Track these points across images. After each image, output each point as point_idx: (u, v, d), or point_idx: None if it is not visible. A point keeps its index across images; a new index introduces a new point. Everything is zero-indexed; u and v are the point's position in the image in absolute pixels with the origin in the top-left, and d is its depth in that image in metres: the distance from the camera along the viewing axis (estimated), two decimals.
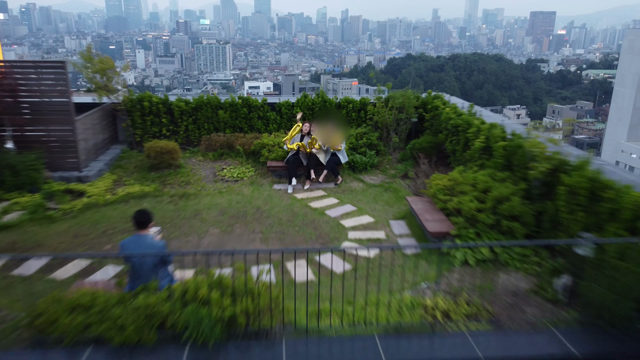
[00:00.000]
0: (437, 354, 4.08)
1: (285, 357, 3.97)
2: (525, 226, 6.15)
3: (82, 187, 8.47)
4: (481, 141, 7.67)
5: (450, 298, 5.08)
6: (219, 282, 4.41)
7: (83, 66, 9.50)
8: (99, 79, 9.68)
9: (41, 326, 4.17)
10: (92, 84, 9.56)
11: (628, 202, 4.82)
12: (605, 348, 4.17)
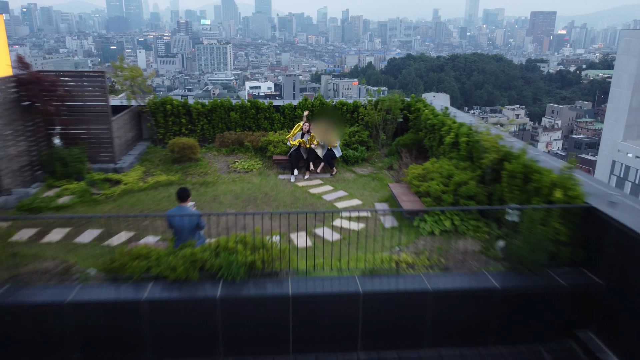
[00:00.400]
0: (399, 287, 5.73)
1: (290, 289, 5.62)
2: (479, 204, 7.79)
3: (118, 176, 10.12)
4: (451, 137, 9.31)
5: (415, 256, 6.73)
6: (243, 239, 6.07)
7: (114, 74, 11.14)
8: (129, 85, 11.33)
9: (115, 269, 5.84)
10: (122, 88, 11.21)
11: (546, 182, 6.46)
12: (519, 283, 5.82)
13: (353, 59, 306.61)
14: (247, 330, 5.64)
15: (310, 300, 5.61)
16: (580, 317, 5.91)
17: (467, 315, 5.83)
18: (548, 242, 5.97)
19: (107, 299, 5.44)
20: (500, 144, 7.89)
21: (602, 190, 6.48)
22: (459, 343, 5.86)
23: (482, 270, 6.13)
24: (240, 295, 5.53)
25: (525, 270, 6.00)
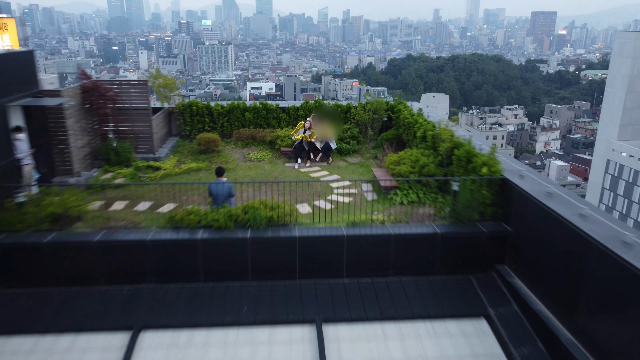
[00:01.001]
0: (370, 231, 8.36)
1: (297, 233, 8.26)
2: (437, 182, 10.42)
3: (157, 164, 12.75)
4: (421, 132, 11.94)
5: (386, 216, 9.37)
6: (264, 202, 8.72)
7: (152, 82, 13.78)
8: (163, 90, 13.97)
9: (176, 221, 8.48)
10: (158, 94, 13.86)
11: (479, 162, 9.08)
12: (456, 231, 8.46)
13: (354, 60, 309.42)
14: (267, 262, 8.28)
15: (310, 241, 8.25)
16: (497, 255, 8.55)
17: (419, 253, 8.47)
18: (478, 203, 8.61)
19: (173, 239, 8.09)
20: (455, 136, 10.53)
21: (514, 167, 9.12)
22: (414, 273, 8.49)
23: (431, 222, 8.78)
24: (263, 237, 8.18)
25: (461, 223, 8.64)
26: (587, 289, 6.27)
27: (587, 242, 6.25)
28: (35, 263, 7.95)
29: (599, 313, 6.06)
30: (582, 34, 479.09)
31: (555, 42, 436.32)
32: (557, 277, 6.98)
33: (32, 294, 7.90)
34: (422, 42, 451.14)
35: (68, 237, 8.08)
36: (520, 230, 8.18)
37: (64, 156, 11.10)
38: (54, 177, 10.99)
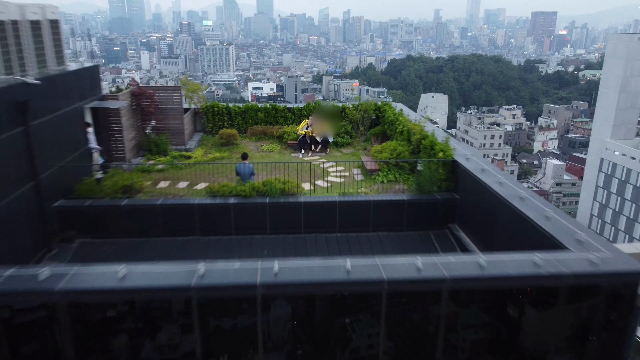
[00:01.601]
0: (356, 199, 11.52)
1: (302, 200, 11.43)
2: (409, 164, 13.55)
3: (188, 154, 15.90)
4: (400, 128, 15.08)
5: (369, 191, 12.53)
6: (278, 178, 11.88)
7: (183, 88, 16.93)
8: (191, 94, 17.14)
9: (213, 192, 11.65)
10: (187, 97, 17.02)
11: (438, 149, 12.22)
12: (419, 198, 11.61)
13: (354, 60, 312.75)
14: (280, 221, 11.43)
15: (311, 206, 11.41)
16: (449, 216, 11.70)
17: (391, 215, 11.62)
18: (435, 179, 11.77)
19: (212, 203, 11.26)
20: (424, 130, 13.67)
21: (463, 152, 12.27)
22: (387, 229, 11.64)
23: (401, 193, 11.93)
24: (277, 202, 11.34)
25: (423, 193, 11.79)
26: (498, 230, 9.42)
27: (498, 199, 9.39)
28: (114, 220, 11.11)
29: (503, 243, 9.20)
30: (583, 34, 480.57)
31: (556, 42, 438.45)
32: (483, 226, 10.13)
33: (112, 243, 11.05)
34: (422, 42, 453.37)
35: (138, 202, 11.26)
36: (464, 198, 11.33)
37: (118, 146, 14.25)
38: (110, 162, 14.13)
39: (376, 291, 6.30)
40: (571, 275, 6.41)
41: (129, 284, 5.99)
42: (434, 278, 6.30)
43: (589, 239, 7.30)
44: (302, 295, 6.45)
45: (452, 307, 6.50)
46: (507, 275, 6.38)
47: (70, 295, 5.90)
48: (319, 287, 6.34)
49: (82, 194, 11.35)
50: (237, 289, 6.16)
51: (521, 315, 6.77)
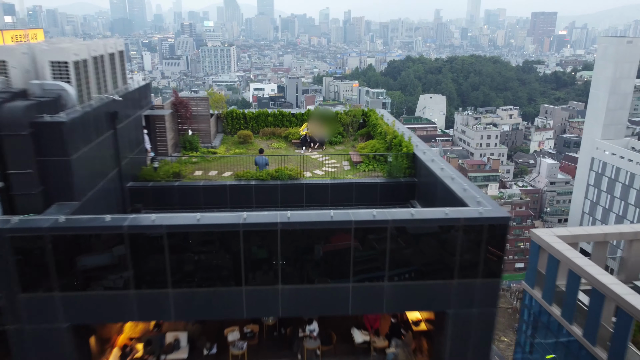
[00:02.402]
0: (342, 181, 16.04)
1: (304, 182, 15.96)
2: (384, 157, 18.04)
3: (214, 150, 20.40)
4: (380, 129, 19.57)
5: (354, 176, 17.05)
6: (286, 167, 16.42)
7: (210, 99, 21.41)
8: (215, 104, 21.64)
9: (239, 176, 16.19)
10: (212, 107, 21.53)
11: (404, 145, 16.71)
12: (389, 181, 16.11)
13: (354, 61, 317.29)
14: (288, 197, 15.94)
15: (310, 186, 15.93)
16: (410, 194, 16.19)
17: (368, 194, 16.12)
18: (402, 167, 16.27)
19: (239, 184, 15.78)
20: (395, 132, 18.14)
21: (421, 147, 16.77)
22: (366, 203, 16.11)
23: (376, 178, 16.45)
24: (286, 184, 15.87)
25: (392, 178, 16.29)
26: (437, 200, 13.90)
27: (438, 179, 13.87)
28: (169, 197, 15.60)
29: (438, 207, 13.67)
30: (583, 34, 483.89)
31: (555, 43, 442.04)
32: (430, 199, 14.63)
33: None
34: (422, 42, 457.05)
35: (185, 184, 15.77)
36: (420, 180, 15.83)
37: (162, 144, 18.75)
38: (156, 156, 18.62)
39: (348, 227, 10.81)
40: (464, 219, 10.92)
41: (205, 222, 10.51)
42: (382, 220, 10.81)
43: (483, 201, 11.79)
44: (303, 230, 10.96)
45: (394, 237, 11.01)
46: (423, 218, 10.89)
47: (173, 228, 10.42)
48: (313, 225, 10.85)
49: (145, 178, 15.86)
50: (266, 225, 10.67)
51: (435, 242, 11.28)
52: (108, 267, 10.75)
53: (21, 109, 10.67)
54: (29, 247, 10.38)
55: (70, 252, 10.55)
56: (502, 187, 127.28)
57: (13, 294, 10.49)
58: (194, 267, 10.89)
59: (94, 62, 13.89)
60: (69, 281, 10.66)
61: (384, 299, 11.32)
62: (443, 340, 12.04)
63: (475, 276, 11.25)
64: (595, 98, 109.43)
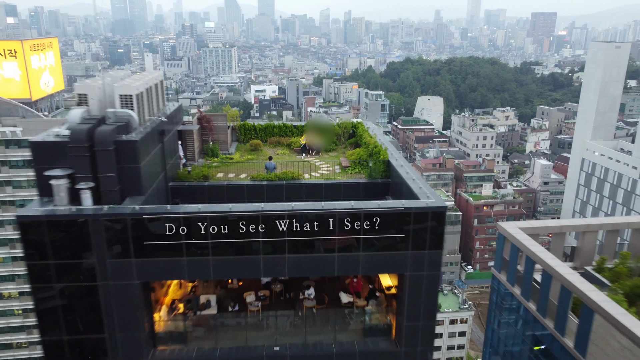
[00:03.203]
0: (333, 182, 21.01)
1: (304, 182, 20.92)
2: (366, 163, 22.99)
3: (231, 156, 25.34)
4: (364, 139, 24.51)
5: (343, 178, 22.01)
6: (290, 171, 21.41)
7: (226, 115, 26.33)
8: (230, 118, 26.58)
9: (253, 177, 21.18)
10: (229, 121, 26.46)
11: (382, 154, 21.65)
12: (369, 182, 21.07)
13: (354, 62, 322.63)
14: (291, 193, 20.88)
15: (309, 185, 20.88)
16: (385, 192, 21.11)
17: (353, 190, 21.06)
18: (379, 170, 21.24)
19: (254, 184, 20.73)
20: (376, 142, 23.06)
21: (394, 154, 21.72)
22: (351, 199, 21.00)
23: (359, 179, 21.41)
24: (290, 183, 20.83)
25: (372, 178, 21.25)
26: (403, 195, 18.81)
27: (403, 180, 18.79)
28: (200, 193, 20.52)
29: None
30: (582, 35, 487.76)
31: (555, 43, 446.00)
32: (398, 195, 19.55)
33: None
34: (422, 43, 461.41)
35: (212, 183, 20.70)
36: (392, 181, 20.75)
37: (191, 152, 23.67)
38: (187, 162, 23.53)
39: (333, 215, 15.73)
40: (415, 208, 15.85)
41: (235, 210, 15.46)
42: (357, 209, 15.75)
43: (430, 196, 16.70)
44: (303, 215, 15.89)
45: (365, 222, 15.93)
46: (385, 207, 15.83)
47: (214, 214, 15.37)
48: (310, 212, 15.79)
49: (181, 179, 20.80)
50: (277, 212, 15.61)
51: (396, 224, 16.21)
52: (167, 241, 15.65)
53: (108, 131, 15.61)
54: (115, 227, 15.30)
55: (141, 230, 15.46)
56: (497, 186, 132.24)
57: (103, 260, 15.41)
58: (227, 241, 15.80)
59: (147, 93, 18.84)
60: (140, 250, 15.57)
61: (360, 264, 16.26)
62: (403, 297, 16.95)
63: (424, 248, 16.18)
64: (585, 101, 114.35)
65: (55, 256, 15.26)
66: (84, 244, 15.25)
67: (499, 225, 31.68)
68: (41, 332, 15.98)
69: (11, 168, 67.81)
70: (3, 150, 66.33)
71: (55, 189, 15.31)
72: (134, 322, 16.19)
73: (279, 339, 17.75)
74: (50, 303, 15.75)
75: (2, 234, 69.79)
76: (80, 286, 15.66)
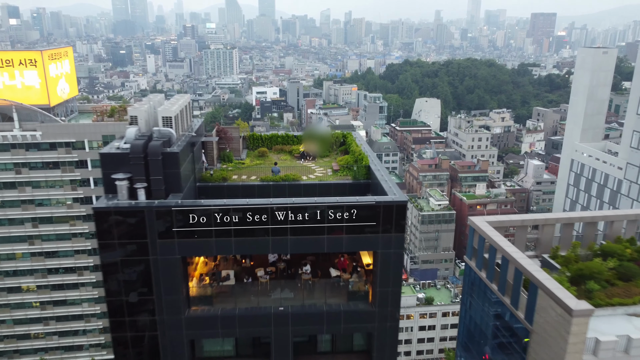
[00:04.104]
0: (325, 182, 26.87)
1: (302, 183, 26.79)
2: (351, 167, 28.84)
3: (242, 161, 31.18)
4: (352, 149, 30.33)
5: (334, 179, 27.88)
6: (292, 174, 27.28)
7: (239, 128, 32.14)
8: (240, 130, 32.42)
9: (262, 179, 27.07)
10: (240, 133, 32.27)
11: (363, 159, 27.46)
12: (354, 182, 26.95)
13: (354, 63, 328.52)
14: (292, 192, 26.69)
15: (307, 185, 26.77)
16: (366, 190, 26.98)
17: (341, 189, 26.91)
18: (362, 173, 27.11)
19: (263, 184, 26.63)
20: (360, 150, 28.87)
21: (373, 160, 27.55)
22: (339, 195, 26.85)
23: (346, 179, 27.28)
24: (292, 184, 26.72)
25: (356, 180, 27.11)
26: (377, 192, 24.62)
27: (379, 180, 24.56)
28: (220, 192, 26.35)
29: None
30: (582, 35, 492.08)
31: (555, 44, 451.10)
32: (375, 192, 25.36)
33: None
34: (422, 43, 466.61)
35: (230, 183, 26.54)
36: (372, 181, 26.58)
37: (210, 158, 29.49)
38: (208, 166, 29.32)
39: (323, 207, 21.58)
40: (383, 202, 21.70)
41: (252, 203, 21.31)
42: (341, 202, 21.60)
43: (396, 193, 22.50)
44: (301, 207, 21.73)
45: (347, 211, 21.76)
46: (362, 202, 21.68)
47: (236, 206, 21.23)
48: (306, 205, 21.64)
49: (205, 180, 26.61)
50: (283, 205, 21.47)
51: (370, 214, 22.03)
52: (200, 227, 21.42)
53: (157, 146, 21.44)
54: (163, 217, 21.10)
55: (182, 218, 21.25)
56: (491, 186, 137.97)
57: (154, 240, 21.23)
58: (244, 227, 21.59)
59: (180, 114, 24.69)
60: (180, 233, 21.36)
61: (343, 244, 22.06)
62: (376, 269, 22.73)
63: (390, 232, 21.97)
64: (574, 104, 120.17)
65: (119, 237, 21.10)
66: (140, 228, 21.08)
67: (470, 219, 37.47)
68: (107, 294, 21.81)
69: (31, 169, 73.49)
70: (23, 152, 72.03)
71: (119, 188, 21.14)
72: (175, 287, 22.01)
73: (282, 302, 23.54)
74: (115, 272, 21.60)
75: (22, 231, 75.47)
76: (137, 259, 21.49)
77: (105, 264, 21.51)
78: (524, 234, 38.36)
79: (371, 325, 23.32)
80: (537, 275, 29.10)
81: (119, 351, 22.55)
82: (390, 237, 22.07)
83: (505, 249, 32.32)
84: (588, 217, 38.07)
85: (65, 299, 79.90)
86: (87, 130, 72.61)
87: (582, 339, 27.04)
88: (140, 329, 22.26)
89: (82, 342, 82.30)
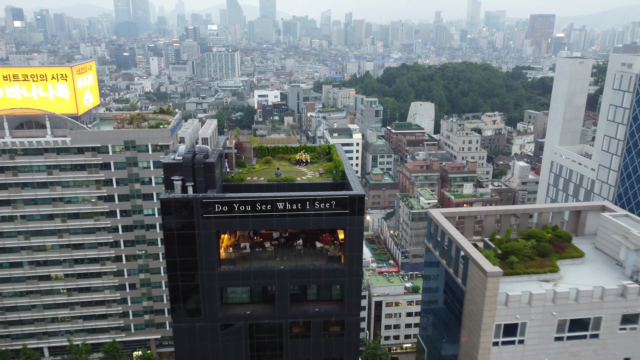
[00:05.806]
0: (313, 182, 38.69)
1: (297, 182, 38.64)
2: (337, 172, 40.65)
3: (253, 167, 42.97)
4: (334, 158, 42.10)
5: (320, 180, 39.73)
6: (289, 176, 39.16)
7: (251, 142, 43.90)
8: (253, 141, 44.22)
9: (269, 180, 38.98)
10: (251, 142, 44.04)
11: (341, 165, 39.22)
12: (334, 182, 38.76)
13: (353, 66, 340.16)
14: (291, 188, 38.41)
15: (301, 184, 38.58)
16: (343, 187, 38.72)
17: (324, 186, 38.68)
18: (339, 175, 38.97)
19: (270, 183, 38.46)
20: (339, 159, 40.63)
21: (347, 165, 39.34)
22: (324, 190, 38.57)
23: (328, 180, 39.11)
24: (290, 183, 38.54)
25: (335, 180, 38.92)
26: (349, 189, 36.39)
27: (350, 181, 36.30)
28: (238, 190, 38.14)
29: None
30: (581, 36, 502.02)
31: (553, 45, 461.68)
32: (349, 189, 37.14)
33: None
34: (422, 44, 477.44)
35: (246, 183, 38.37)
36: (345, 182, 38.34)
37: (231, 165, 41.24)
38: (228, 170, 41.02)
39: (311, 199, 33.40)
40: (348, 195, 33.60)
41: (263, 196, 33.16)
42: (324, 195, 33.44)
43: (359, 189, 34.27)
44: (294, 199, 33.53)
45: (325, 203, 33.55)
46: (336, 195, 33.54)
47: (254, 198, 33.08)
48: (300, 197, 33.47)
49: (228, 181, 38.39)
50: (284, 197, 33.31)
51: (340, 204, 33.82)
52: (228, 213, 33.10)
53: (201, 158, 33.26)
54: (204, 204, 32.84)
55: (217, 205, 32.95)
56: (479, 186, 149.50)
57: (199, 219, 32.99)
58: (258, 211, 33.27)
59: (212, 134, 36.49)
60: (216, 214, 33.08)
61: (323, 223, 33.77)
62: (346, 241, 34.44)
63: (354, 214, 33.68)
64: (554, 110, 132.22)
65: (176, 218, 32.84)
66: (189, 212, 32.80)
67: (429, 211, 49.24)
68: (167, 255, 33.53)
69: (61, 171, 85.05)
70: (55, 156, 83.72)
71: (175, 186, 32.88)
72: (211, 251, 33.75)
73: (283, 263, 35.30)
74: (172, 242, 33.31)
75: (52, 226, 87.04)
76: (188, 233, 33.23)
77: (166, 235, 33.27)
78: (471, 223, 50.16)
79: (343, 279, 35.08)
80: (468, 250, 40.87)
81: (174, 296, 34.31)
82: (354, 219, 33.78)
83: (451, 232, 44.09)
84: (521, 209, 49.84)
85: (89, 286, 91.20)
86: (111, 136, 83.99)
87: (495, 293, 38.86)
88: (188, 280, 34.04)
89: (104, 325, 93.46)
